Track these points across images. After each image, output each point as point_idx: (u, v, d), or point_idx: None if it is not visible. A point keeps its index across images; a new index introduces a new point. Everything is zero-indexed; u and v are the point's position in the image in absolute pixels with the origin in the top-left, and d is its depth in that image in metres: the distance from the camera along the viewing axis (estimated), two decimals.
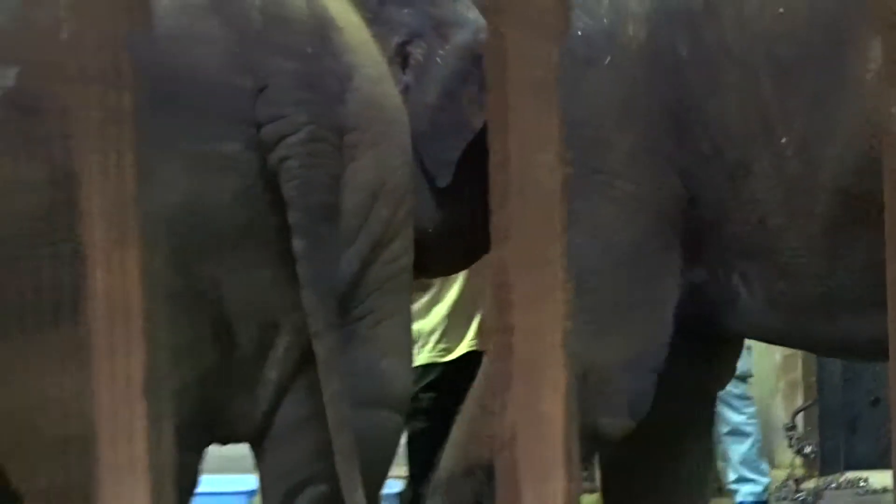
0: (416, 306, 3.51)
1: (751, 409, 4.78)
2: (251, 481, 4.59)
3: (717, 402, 5.02)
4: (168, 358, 0.68)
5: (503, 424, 0.68)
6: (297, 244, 2.04)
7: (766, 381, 5.31)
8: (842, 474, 5.23)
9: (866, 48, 2.28)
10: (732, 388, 4.54)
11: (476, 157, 2.34)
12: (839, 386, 5.56)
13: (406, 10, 2.59)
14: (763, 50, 2.41)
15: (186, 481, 2.12)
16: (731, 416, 4.79)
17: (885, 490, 4.94)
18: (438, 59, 2.59)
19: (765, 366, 5.17)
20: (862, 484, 5.19)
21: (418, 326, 3.64)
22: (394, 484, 4.20)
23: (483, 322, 3.80)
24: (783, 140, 2.38)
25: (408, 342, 2.39)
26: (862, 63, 2.31)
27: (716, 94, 2.44)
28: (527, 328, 0.67)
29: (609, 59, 2.47)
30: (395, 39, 2.56)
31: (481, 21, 2.46)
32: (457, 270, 3.22)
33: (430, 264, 2.73)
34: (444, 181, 2.63)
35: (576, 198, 2.20)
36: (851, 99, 2.33)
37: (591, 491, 3.76)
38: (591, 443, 2.46)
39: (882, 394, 4.99)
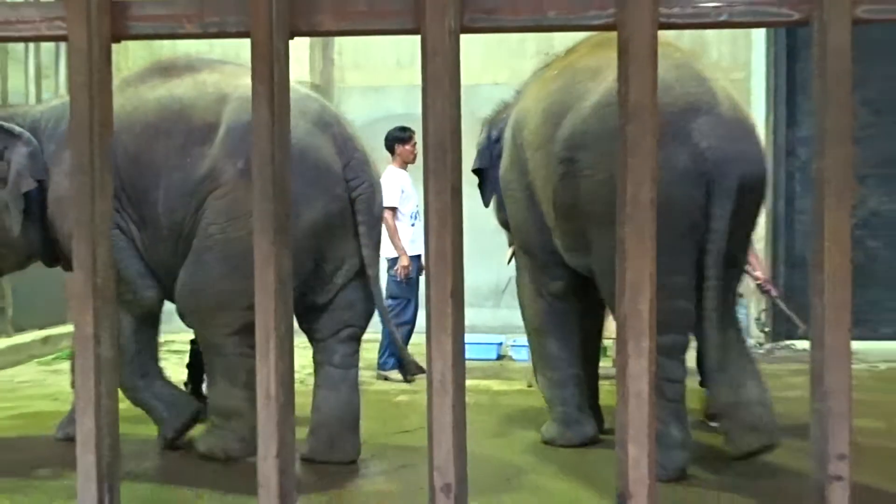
0: None
1: (743, 309, 7.29)
2: (500, 338, 9.73)
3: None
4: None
5: (620, 313, 1.39)
6: (363, 232, 5.56)
7: (750, 292, 8.61)
8: (783, 341, 10.04)
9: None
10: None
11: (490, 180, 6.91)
12: (786, 295, 9.16)
13: (488, 117, 6.78)
14: (520, 143, 6.05)
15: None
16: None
17: (804, 350, 9.39)
18: (483, 140, 6.70)
19: (749, 284, 7.96)
20: (792, 347, 10.26)
21: None
22: None
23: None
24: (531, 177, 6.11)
25: None
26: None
27: (515, 163, 6.09)
28: (633, 268, 1.37)
29: (508, 143, 6.20)
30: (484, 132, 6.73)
31: (488, 125, 6.73)
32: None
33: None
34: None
35: (508, 201, 6.57)
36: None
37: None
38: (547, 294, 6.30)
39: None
